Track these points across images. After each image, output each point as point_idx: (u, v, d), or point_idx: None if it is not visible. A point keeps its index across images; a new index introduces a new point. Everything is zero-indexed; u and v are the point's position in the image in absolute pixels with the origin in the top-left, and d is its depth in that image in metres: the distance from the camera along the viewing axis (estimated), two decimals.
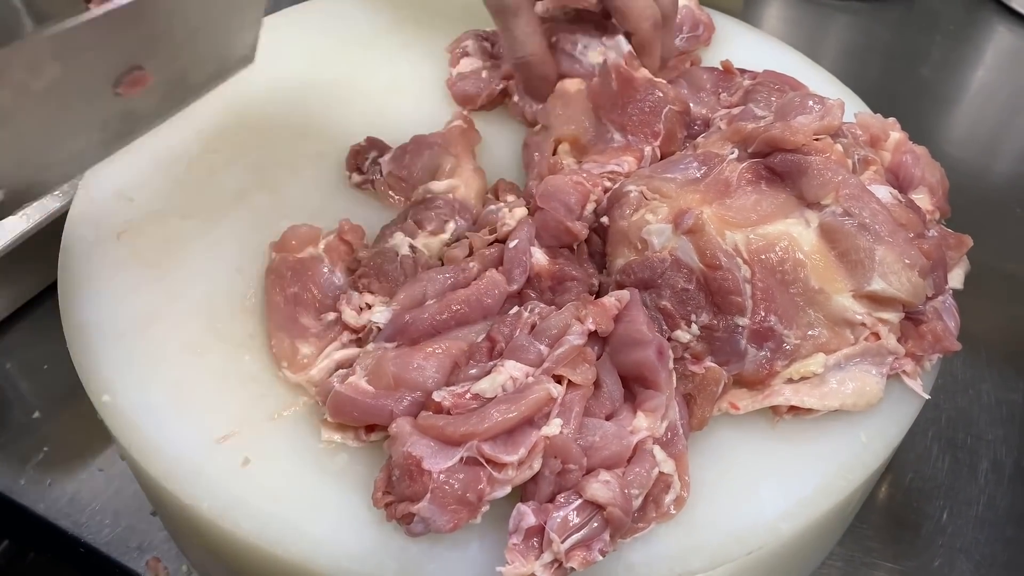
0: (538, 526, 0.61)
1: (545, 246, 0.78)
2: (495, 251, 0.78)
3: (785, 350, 0.72)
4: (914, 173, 0.83)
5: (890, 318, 0.72)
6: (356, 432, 0.69)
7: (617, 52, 0.93)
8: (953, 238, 0.81)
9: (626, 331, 0.70)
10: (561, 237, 0.78)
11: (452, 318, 0.72)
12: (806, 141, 0.76)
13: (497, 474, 0.62)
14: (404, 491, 0.62)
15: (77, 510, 0.88)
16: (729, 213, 0.75)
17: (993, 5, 1.60)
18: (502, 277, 0.74)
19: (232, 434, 0.69)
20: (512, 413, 0.63)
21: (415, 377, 0.67)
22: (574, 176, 0.81)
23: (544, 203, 0.78)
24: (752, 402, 0.71)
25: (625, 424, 0.67)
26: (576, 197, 0.79)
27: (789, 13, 1.61)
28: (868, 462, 0.71)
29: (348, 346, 0.73)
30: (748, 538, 0.65)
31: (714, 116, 0.90)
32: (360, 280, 0.76)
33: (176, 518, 0.73)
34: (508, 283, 0.74)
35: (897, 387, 0.74)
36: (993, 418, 0.98)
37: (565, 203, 0.78)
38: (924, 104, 1.43)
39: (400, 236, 0.79)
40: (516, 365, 0.67)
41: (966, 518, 0.90)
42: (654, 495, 0.65)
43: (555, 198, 0.78)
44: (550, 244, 0.78)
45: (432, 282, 0.74)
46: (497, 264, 0.77)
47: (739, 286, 0.72)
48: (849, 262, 0.72)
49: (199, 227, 0.84)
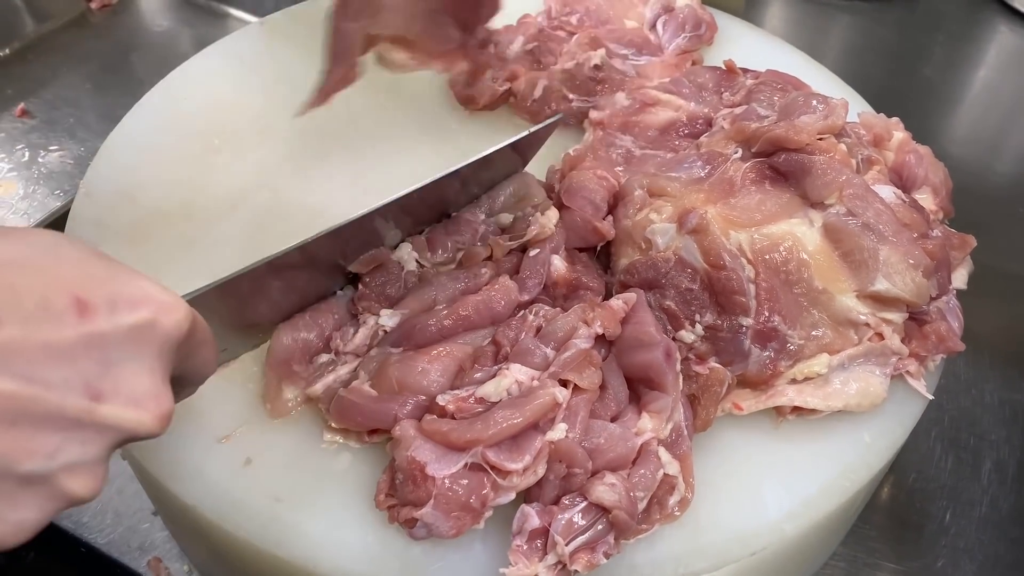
0: (542, 528, 0.61)
1: (569, 248, 0.77)
2: (513, 258, 0.76)
3: (789, 350, 0.71)
4: (917, 173, 0.82)
5: (894, 318, 0.72)
6: (359, 435, 0.69)
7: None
8: (957, 238, 0.80)
9: (633, 333, 0.70)
10: (588, 238, 0.77)
11: (460, 324, 0.71)
12: (810, 141, 0.76)
13: (502, 481, 0.62)
14: (407, 495, 0.62)
15: (79, 510, 0.88)
16: (733, 213, 0.75)
17: (995, 5, 1.60)
18: (514, 285, 0.73)
19: (234, 434, 0.69)
20: (517, 419, 0.62)
21: (419, 381, 0.66)
22: (597, 171, 0.80)
23: (570, 201, 0.77)
24: (756, 403, 0.71)
25: (630, 426, 0.66)
26: (602, 194, 0.78)
27: (791, 13, 1.60)
28: (872, 463, 0.70)
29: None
30: (752, 539, 0.65)
31: (717, 115, 0.90)
32: (360, 303, 0.73)
33: (177, 518, 0.73)
34: (521, 292, 0.73)
35: (901, 387, 0.74)
36: (996, 419, 0.98)
37: (591, 200, 0.77)
38: (927, 104, 1.43)
39: (407, 249, 0.76)
40: (521, 369, 0.67)
41: (969, 518, 0.90)
42: (659, 497, 0.65)
43: (580, 195, 0.77)
44: (576, 245, 0.77)
45: (442, 287, 0.73)
46: (513, 272, 0.75)
47: (743, 286, 0.71)
48: (853, 262, 0.72)
49: (201, 226, 0.83)
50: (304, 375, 0.71)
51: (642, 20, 1.06)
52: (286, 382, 0.70)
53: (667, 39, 1.04)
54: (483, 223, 0.77)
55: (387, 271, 0.74)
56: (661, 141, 0.91)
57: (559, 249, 0.76)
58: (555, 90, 0.96)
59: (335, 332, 0.72)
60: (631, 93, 0.94)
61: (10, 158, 1.24)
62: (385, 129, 0.95)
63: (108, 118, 1.12)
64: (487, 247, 0.76)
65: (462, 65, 0.93)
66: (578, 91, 0.96)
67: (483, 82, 0.97)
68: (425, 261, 0.76)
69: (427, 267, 0.76)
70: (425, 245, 0.76)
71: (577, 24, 1.05)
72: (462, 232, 0.77)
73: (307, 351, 0.71)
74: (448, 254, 0.76)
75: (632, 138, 0.91)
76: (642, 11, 1.06)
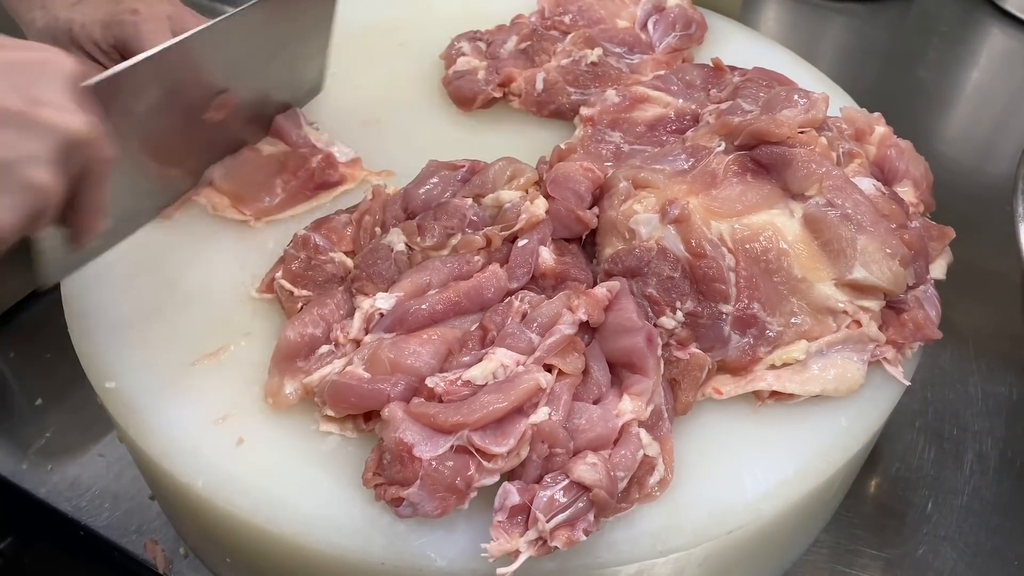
0: (522, 504, 0.63)
1: (555, 238, 0.79)
2: (504, 248, 0.78)
3: (768, 337, 0.73)
4: (898, 166, 0.84)
5: (871, 306, 0.74)
6: (355, 421, 0.70)
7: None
8: (936, 230, 0.82)
9: (616, 319, 0.72)
10: (572, 227, 0.79)
11: (451, 309, 0.73)
12: (791, 134, 0.78)
13: (486, 463, 0.64)
14: (394, 475, 0.64)
15: (77, 494, 0.90)
16: (715, 204, 0.76)
17: (988, 7, 1.61)
18: (504, 273, 0.75)
19: (228, 415, 0.71)
20: (502, 403, 0.64)
21: (411, 362, 0.68)
22: (583, 163, 0.82)
23: (554, 191, 0.79)
24: (735, 387, 0.73)
25: (611, 408, 0.68)
26: (586, 184, 0.80)
27: (786, 15, 1.62)
28: (848, 445, 0.72)
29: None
30: (729, 518, 0.67)
31: (704, 111, 0.92)
32: (354, 284, 0.76)
33: (173, 498, 0.75)
34: (510, 280, 0.75)
35: (878, 374, 0.76)
36: (979, 410, 0.99)
37: (575, 191, 0.79)
38: (919, 105, 1.45)
39: (396, 234, 0.79)
40: (507, 353, 0.68)
41: (951, 507, 0.91)
42: (638, 477, 0.67)
43: (565, 186, 0.79)
44: (561, 235, 0.79)
45: (436, 271, 0.75)
46: (503, 261, 0.77)
47: (723, 274, 0.73)
48: (832, 251, 0.74)
49: (200, 217, 0.86)
50: (304, 368, 0.73)
51: (633, 19, 1.08)
52: (288, 376, 0.72)
53: (658, 38, 1.06)
54: (471, 208, 0.79)
55: (376, 253, 0.77)
56: (649, 137, 0.93)
57: (547, 240, 0.78)
58: (555, 81, 0.98)
59: (336, 324, 0.74)
60: (621, 90, 0.96)
61: None
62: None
63: None
64: (484, 237, 0.77)
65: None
66: (576, 84, 0.98)
67: (477, 84, 0.99)
68: (415, 245, 0.78)
69: (416, 251, 0.78)
70: (416, 230, 0.78)
71: (570, 23, 1.07)
72: (451, 217, 0.79)
73: (312, 346, 0.74)
74: (436, 239, 0.78)
75: (621, 134, 0.93)
76: (633, 10, 1.08)
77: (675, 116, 0.93)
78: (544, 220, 0.78)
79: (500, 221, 0.79)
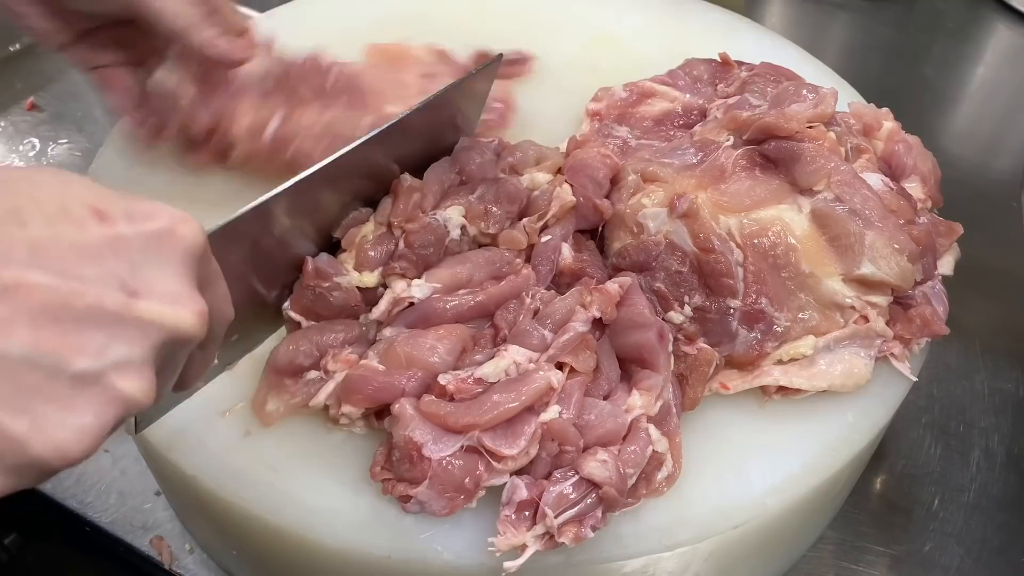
0: (530, 499, 0.63)
1: (574, 231, 0.78)
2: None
3: (776, 332, 0.73)
4: (906, 162, 0.84)
5: (879, 302, 0.74)
6: (368, 419, 0.69)
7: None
8: (944, 225, 0.82)
9: (628, 314, 0.72)
10: (589, 216, 0.79)
11: (477, 312, 0.72)
12: (799, 128, 0.78)
13: (496, 464, 0.63)
14: (403, 473, 0.64)
15: (83, 490, 0.90)
16: (723, 198, 0.76)
17: (993, 4, 1.61)
18: (533, 274, 0.74)
19: (234, 408, 0.71)
20: (513, 404, 0.64)
21: (427, 357, 0.67)
22: (601, 149, 0.81)
23: (572, 178, 0.79)
24: (742, 382, 0.73)
25: (620, 403, 0.68)
26: (604, 171, 0.79)
27: (791, 12, 1.62)
28: (855, 441, 0.72)
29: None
30: (735, 513, 0.67)
31: (711, 106, 0.91)
32: (398, 263, 0.73)
33: (179, 491, 0.75)
34: (538, 282, 0.74)
35: (885, 369, 0.75)
36: (986, 407, 0.99)
37: (593, 178, 0.79)
38: (925, 101, 1.44)
39: (456, 213, 0.76)
40: (519, 350, 0.68)
41: (958, 504, 0.91)
42: (647, 472, 0.67)
43: (584, 173, 0.79)
44: (578, 226, 0.79)
45: (477, 268, 0.74)
46: (526, 257, 0.76)
47: (732, 269, 0.73)
48: (840, 246, 0.74)
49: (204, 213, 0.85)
50: (291, 389, 0.70)
51: None
52: (273, 393, 0.70)
53: None
54: (524, 192, 0.78)
55: (433, 231, 0.74)
56: (656, 132, 0.92)
57: (569, 236, 0.77)
58: None
59: (331, 349, 0.71)
60: (628, 85, 0.95)
61: (20, 150, 1.27)
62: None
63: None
64: (524, 232, 0.76)
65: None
66: None
67: None
68: (476, 229, 0.76)
69: (468, 237, 0.76)
70: (483, 214, 0.76)
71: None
72: (511, 202, 0.77)
73: (303, 366, 0.71)
74: (499, 224, 0.77)
75: (628, 129, 0.92)
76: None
77: (682, 111, 0.92)
78: (571, 210, 0.78)
79: (533, 209, 0.78)
